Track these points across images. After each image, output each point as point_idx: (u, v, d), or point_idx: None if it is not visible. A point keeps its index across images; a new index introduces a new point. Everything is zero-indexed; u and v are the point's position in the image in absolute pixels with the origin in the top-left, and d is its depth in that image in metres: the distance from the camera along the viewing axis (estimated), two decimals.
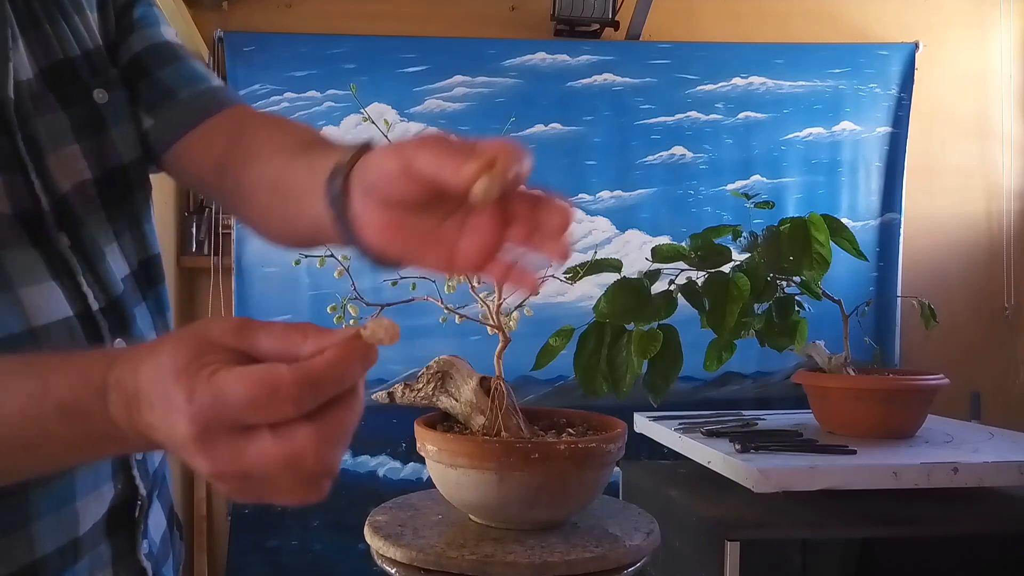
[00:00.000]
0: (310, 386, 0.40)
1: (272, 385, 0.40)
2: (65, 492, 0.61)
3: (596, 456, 1.01)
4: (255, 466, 0.41)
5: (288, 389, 0.40)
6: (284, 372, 0.40)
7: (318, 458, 0.41)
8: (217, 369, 0.41)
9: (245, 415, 0.40)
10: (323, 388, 0.41)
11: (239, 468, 0.42)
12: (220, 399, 0.40)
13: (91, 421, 0.45)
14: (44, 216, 0.63)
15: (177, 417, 0.41)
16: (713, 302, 1.49)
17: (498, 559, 0.94)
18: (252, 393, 0.40)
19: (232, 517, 2.71)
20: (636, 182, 2.85)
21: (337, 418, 0.42)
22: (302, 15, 2.83)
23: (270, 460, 0.41)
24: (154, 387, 0.43)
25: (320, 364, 0.41)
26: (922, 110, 2.95)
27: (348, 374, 0.42)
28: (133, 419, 0.44)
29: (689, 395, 2.72)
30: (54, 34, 0.69)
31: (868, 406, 1.55)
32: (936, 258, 3.02)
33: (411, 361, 2.64)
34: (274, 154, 0.68)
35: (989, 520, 1.41)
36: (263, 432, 0.41)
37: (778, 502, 1.38)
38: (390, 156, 0.51)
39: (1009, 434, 1.64)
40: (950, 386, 1.59)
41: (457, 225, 0.53)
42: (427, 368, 1.12)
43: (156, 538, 0.72)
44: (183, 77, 0.76)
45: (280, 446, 0.41)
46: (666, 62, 2.86)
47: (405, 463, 2.72)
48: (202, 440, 0.41)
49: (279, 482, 0.43)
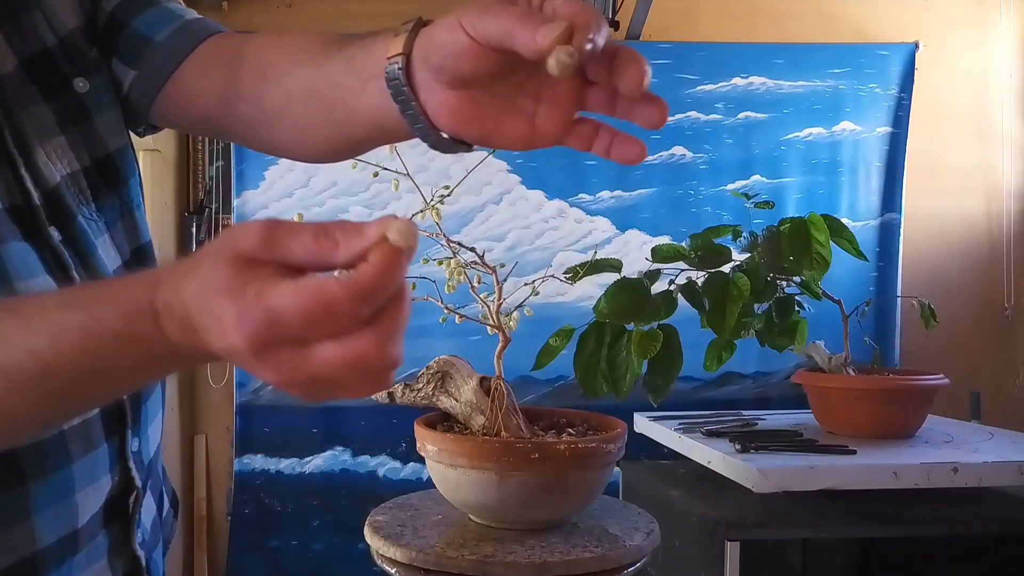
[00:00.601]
0: (362, 298, 0.40)
1: (326, 302, 0.39)
2: (65, 484, 0.61)
3: (596, 456, 1.01)
4: (322, 372, 0.41)
5: (342, 305, 0.40)
6: (336, 288, 0.40)
7: (382, 355, 0.41)
8: (263, 288, 0.40)
9: (303, 331, 0.40)
10: (375, 297, 0.41)
11: (306, 376, 0.42)
12: (273, 318, 0.40)
13: (150, 345, 0.45)
14: (36, 210, 0.63)
15: (232, 337, 0.41)
16: (713, 302, 1.49)
17: (498, 559, 0.94)
18: (307, 310, 0.40)
19: (232, 517, 2.71)
20: (636, 182, 2.85)
21: (392, 316, 0.42)
22: (302, 15, 2.83)
23: (336, 365, 0.41)
24: (203, 310, 0.42)
25: (369, 275, 0.40)
26: (922, 110, 2.95)
27: (395, 280, 0.41)
28: (191, 339, 0.44)
29: (689, 395, 2.72)
30: (29, 24, 0.67)
31: (868, 406, 1.55)
32: (936, 258, 3.02)
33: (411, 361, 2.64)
34: (297, 64, 0.65)
35: (989, 520, 1.41)
36: (324, 342, 0.41)
37: (778, 502, 1.38)
38: (455, 30, 0.48)
39: (1009, 434, 1.65)
40: (950, 386, 1.59)
41: (533, 95, 0.50)
42: (427, 368, 1.12)
43: (148, 526, 0.73)
44: (159, 20, 0.73)
45: (344, 352, 0.41)
46: (666, 62, 2.85)
47: (405, 463, 2.72)
48: (261, 356, 0.41)
49: (348, 381, 0.43)
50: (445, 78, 0.51)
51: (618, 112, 0.51)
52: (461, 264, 1.12)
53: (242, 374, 2.67)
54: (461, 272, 1.13)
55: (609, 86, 0.49)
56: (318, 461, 2.72)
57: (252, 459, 2.70)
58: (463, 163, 1.16)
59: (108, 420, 0.65)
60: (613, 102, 0.50)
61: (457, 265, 1.13)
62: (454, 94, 0.51)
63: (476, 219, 2.77)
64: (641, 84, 0.47)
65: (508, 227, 2.77)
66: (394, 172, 1.15)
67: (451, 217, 2.58)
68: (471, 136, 0.53)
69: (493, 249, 2.67)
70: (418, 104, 0.53)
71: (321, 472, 2.72)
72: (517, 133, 0.52)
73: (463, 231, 2.72)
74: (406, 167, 1.14)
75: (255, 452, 2.70)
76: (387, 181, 1.19)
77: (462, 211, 2.74)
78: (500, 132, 0.52)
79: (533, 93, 0.51)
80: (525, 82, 0.51)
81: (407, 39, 0.52)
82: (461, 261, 1.13)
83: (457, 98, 0.51)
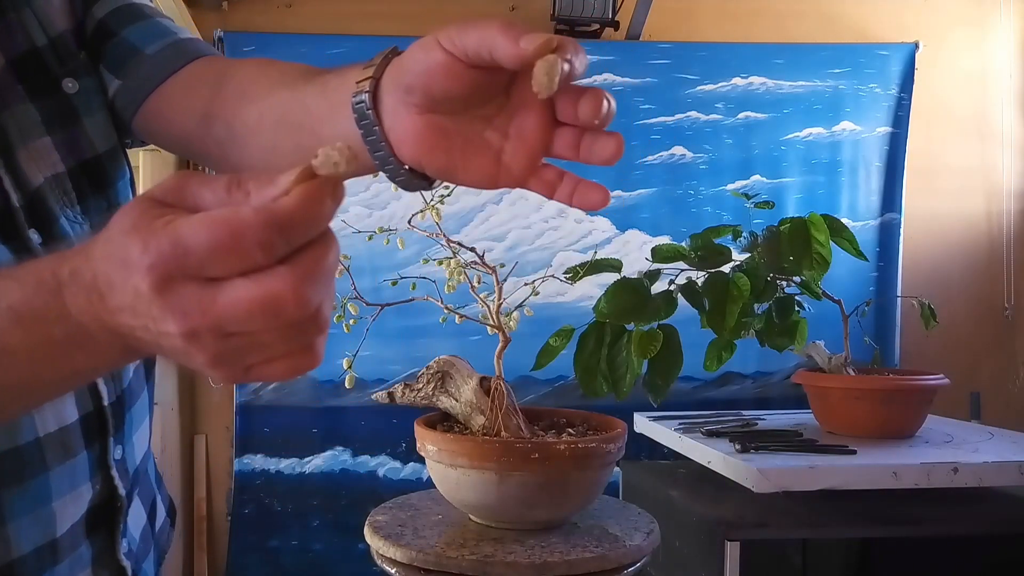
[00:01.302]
0: (279, 228, 0.36)
1: (236, 228, 0.35)
2: (41, 492, 0.60)
3: (596, 456, 1.01)
4: (230, 316, 0.36)
5: (255, 232, 0.35)
6: (248, 214, 0.36)
7: (299, 298, 0.37)
8: (172, 219, 0.37)
9: (210, 263, 0.36)
10: (293, 231, 0.36)
11: (213, 320, 0.37)
12: (179, 245, 0.36)
13: (48, 325, 0.41)
14: (15, 212, 0.61)
15: (135, 275, 0.37)
16: (713, 302, 1.49)
17: (498, 559, 0.94)
18: (215, 237, 0.35)
19: (232, 517, 2.71)
20: (636, 182, 2.85)
21: (313, 256, 0.37)
22: (302, 15, 2.83)
23: (245, 306, 0.36)
24: (108, 260, 0.38)
25: (288, 204, 0.36)
26: (922, 110, 2.95)
27: (318, 214, 0.37)
28: (96, 310, 0.39)
29: (689, 395, 2.72)
30: (18, 22, 0.66)
31: (868, 406, 1.55)
32: (936, 258, 3.02)
33: (411, 361, 2.66)
34: (274, 88, 0.64)
35: (989, 520, 1.41)
36: (233, 279, 0.36)
37: (778, 502, 1.38)
38: (432, 48, 0.47)
39: (1009, 434, 1.65)
40: (950, 386, 1.59)
41: (501, 130, 0.50)
42: (427, 368, 1.12)
43: (136, 535, 0.71)
44: (150, 33, 0.72)
45: (254, 289, 0.36)
46: (666, 62, 2.86)
47: (405, 463, 2.72)
48: (164, 291, 0.37)
49: (263, 338, 0.38)
50: (415, 99, 0.50)
51: (581, 154, 0.50)
52: (461, 264, 1.12)
53: None
54: (461, 272, 1.13)
55: (576, 127, 0.48)
56: (318, 461, 2.72)
57: (252, 459, 2.70)
58: None
59: (88, 428, 0.64)
60: (578, 146, 0.49)
61: (457, 265, 1.13)
62: (421, 119, 0.50)
63: (476, 219, 2.77)
64: (599, 110, 0.47)
65: (508, 227, 2.77)
66: None
67: (451, 217, 2.57)
68: (434, 167, 0.52)
69: (493, 249, 2.67)
70: (381, 130, 0.52)
71: (321, 472, 2.72)
72: (481, 168, 0.51)
73: (463, 231, 2.72)
74: None
75: (255, 452, 2.70)
76: (387, 181, 1.19)
77: (462, 211, 2.74)
78: (464, 165, 0.51)
79: (501, 128, 0.50)
80: (494, 116, 0.50)
81: (379, 65, 0.52)
82: (461, 261, 1.13)
83: (424, 124, 0.50)
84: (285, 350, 0.39)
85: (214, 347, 0.38)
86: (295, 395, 2.69)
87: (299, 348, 0.39)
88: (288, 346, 0.39)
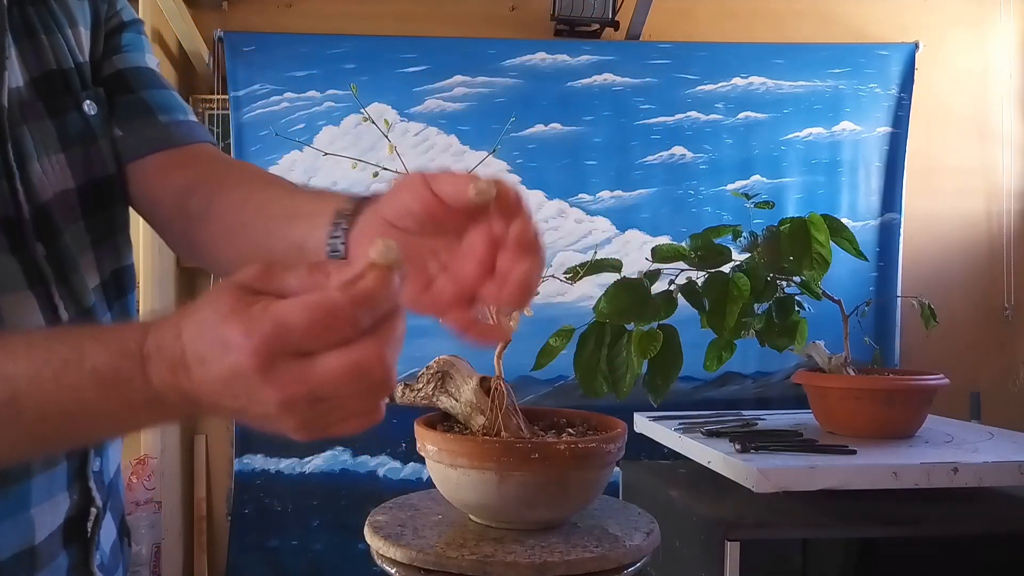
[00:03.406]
0: (363, 304, 0.41)
1: (329, 307, 0.40)
2: (20, 498, 0.62)
3: (596, 456, 1.01)
4: (324, 382, 0.41)
5: (344, 310, 0.41)
6: (338, 296, 0.41)
7: (382, 362, 0.42)
8: (268, 304, 0.41)
9: (307, 340, 0.41)
10: (374, 305, 0.42)
11: (308, 388, 0.41)
12: (281, 326, 0.40)
13: (130, 390, 0.45)
14: (25, 224, 0.64)
15: (237, 356, 0.41)
16: (713, 302, 1.49)
17: (498, 559, 0.93)
18: (312, 317, 0.40)
19: (232, 517, 2.71)
20: (636, 182, 2.85)
21: (390, 325, 0.43)
22: (302, 15, 2.83)
23: (340, 374, 0.41)
24: (203, 340, 0.42)
25: (367, 284, 0.42)
26: (922, 110, 2.95)
27: (390, 290, 0.42)
28: (180, 383, 0.44)
29: (689, 395, 2.72)
30: (49, 44, 0.70)
31: (868, 406, 1.55)
32: (936, 258, 3.02)
33: (411, 361, 2.64)
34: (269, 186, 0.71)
35: (989, 520, 1.41)
36: (327, 352, 0.41)
37: (778, 502, 1.38)
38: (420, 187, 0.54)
39: (1009, 434, 1.64)
40: (950, 386, 1.59)
41: (441, 265, 0.56)
42: (427, 368, 1.12)
43: (107, 549, 0.73)
44: (165, 103, 0.78)
45: (348, 358, 0.41)
46: (666, 62, 2.86)
47: (405, 463, 2.72)
48: (268, 370, 0.41)
49: (347, 401, 0.43)
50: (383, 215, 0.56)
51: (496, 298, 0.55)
52: None
53: None
54: None
55: (502, 277, 0.53)
56: (318, 461, 2.72)
57: (252, 459, 2.70)
58: (463, 163, 1.16)
59: None
60: (501, 295, 0.54)
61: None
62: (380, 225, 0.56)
63: None
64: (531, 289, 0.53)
65: None
66: (394, 172, 1.15)
67: None
68: None
69: None
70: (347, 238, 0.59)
71: (321, 472, 2.72)
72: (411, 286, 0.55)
73: None
74: (406, 167, 1.14)
75: (255, 452, 2.70)
76: (388, 182, 1.19)
77: None
78: None
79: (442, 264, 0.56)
80: (441, 251, 0.56)
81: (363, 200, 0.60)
82: None
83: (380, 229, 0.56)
84: (361, 409, 0.44)
85: (305, 413, 0.43)
86: None
87: (372, 407, 0.45)
88: (364, 405, 0.44)
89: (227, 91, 2.69)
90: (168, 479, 2.52)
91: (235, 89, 2.69)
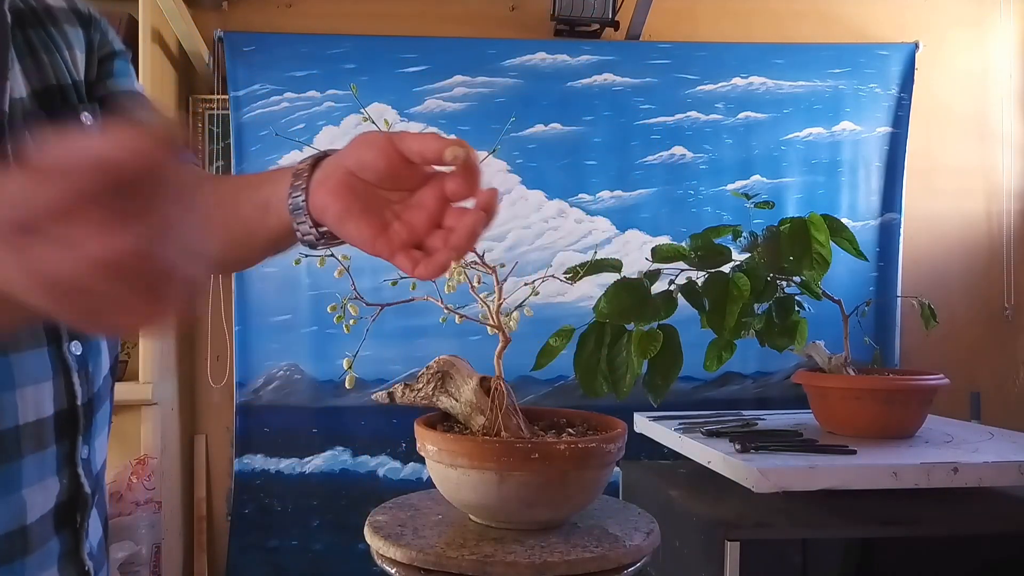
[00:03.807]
0: (102, 173, 0.36)
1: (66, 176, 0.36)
2: (12, 478, 0.65)
3: (596, 456, 1.01)
4: (75, 271, 0.37)
5: (82, 179, 0.36)
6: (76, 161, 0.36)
7: (140, 253, 0.37)
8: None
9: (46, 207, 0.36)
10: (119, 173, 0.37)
11: (58, 274, 0.37)
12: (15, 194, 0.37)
13: None
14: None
15: None
16: (713, 302, 1.49)
17: (498, 559, 0.94)
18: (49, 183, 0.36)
19: (232, 517, 2.71)
20: (636, 182, 2.85)
21: (160, 212, 0.38)
22: (302, 15, 2.83)
23: (86, 262, 0.37)
24: None
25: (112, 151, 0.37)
26: (922, 110, 2.95)
27: (148, 163, 0.38)
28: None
29: (689, 395, 2.72)
30: (49, 62, 0.75)
31: (868, 406, 1.55)
32: (936, 258, 3.02)
33: (411, 361, 2.66)
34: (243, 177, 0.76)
35: (989, 520, 1.41)
36: (83, 236, 0.37)
37: (778, 502, 1.38)
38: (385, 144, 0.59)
39: (1009, 434, 1.64)
40: (950, 386, 1.59)
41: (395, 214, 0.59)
42: (427, 368, 1.12)
43: (94, 543, 0.76)
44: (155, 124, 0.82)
45: (95, 245, 0.36)
46: (666, 62, 2.85)
47: (405, 463, 2.72)
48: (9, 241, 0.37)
49: (112, 290, 0.38)
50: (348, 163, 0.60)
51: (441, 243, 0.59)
52: (461, 264, 1.12)
53: (242, 373, 2.67)
54: (461, 272, 1.13)
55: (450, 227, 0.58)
56: (318, 461, 2.72)
57: (252, 459, 2.70)
58: None
59: (60, 424, 0.69)
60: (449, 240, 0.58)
61: (457, 265, 1.12)
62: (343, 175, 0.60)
63: None
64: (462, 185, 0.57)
65: (508, 227, 2.77)
66: None
67: None
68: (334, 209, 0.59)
69: (493, 249, 2.67)
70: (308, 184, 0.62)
71: (321, 472, 2.71)
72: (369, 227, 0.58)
73: None
74: None
75: (255, 452, 2.70)
76: None
77: None
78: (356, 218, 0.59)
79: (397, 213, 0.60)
80: (396, 203, 0.60)
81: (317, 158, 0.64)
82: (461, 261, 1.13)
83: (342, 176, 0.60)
84: (136, 303, 0.39)
85: (66, 299, 0.38)
86: (295, 395, 2.69)
87: (148, 300, 0.39)
88: (137, 299, 0.39)
89: (227, 91, 2.69)
90: (168, 479, 2.52)
91: (235, 89, 2.69)
